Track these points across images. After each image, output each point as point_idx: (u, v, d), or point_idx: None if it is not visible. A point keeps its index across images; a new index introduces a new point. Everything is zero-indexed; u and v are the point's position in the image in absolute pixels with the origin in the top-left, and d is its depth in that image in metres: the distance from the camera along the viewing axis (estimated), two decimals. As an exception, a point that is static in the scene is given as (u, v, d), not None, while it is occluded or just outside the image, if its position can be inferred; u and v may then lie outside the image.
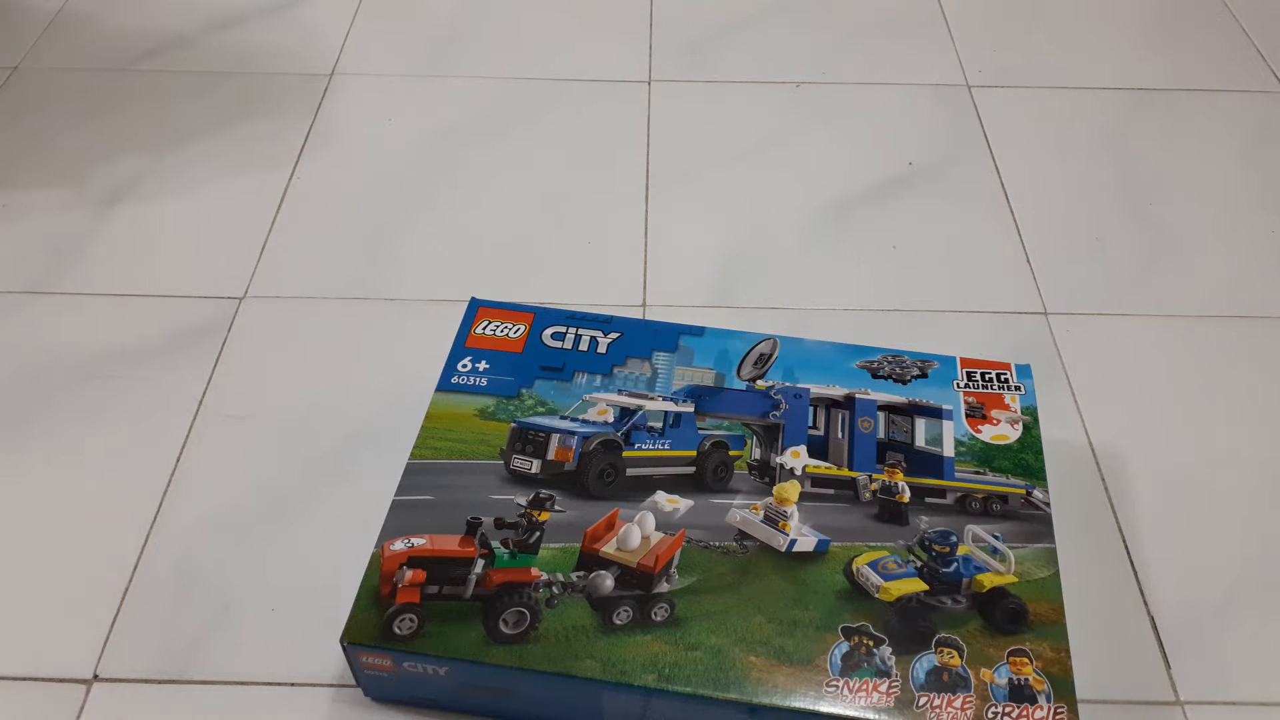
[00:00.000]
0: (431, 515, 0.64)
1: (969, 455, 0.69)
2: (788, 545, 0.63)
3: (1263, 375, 0.84)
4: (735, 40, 1.16)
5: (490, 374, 0.73)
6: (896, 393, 0.72)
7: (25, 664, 0.65)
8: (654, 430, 0.70)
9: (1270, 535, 0.74)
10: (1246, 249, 0.94)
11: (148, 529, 0.72)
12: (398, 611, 0.59)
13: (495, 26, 1.17)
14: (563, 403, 0.71)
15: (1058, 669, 0.58)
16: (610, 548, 0.63)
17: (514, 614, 0.59)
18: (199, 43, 1.14)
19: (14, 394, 0.80)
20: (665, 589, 0.61)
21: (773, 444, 0.70)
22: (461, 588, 0.61)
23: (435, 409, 0.70)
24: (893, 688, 0.57)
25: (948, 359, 0.74)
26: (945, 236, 0.95)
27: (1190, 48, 1.16)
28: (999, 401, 0.72)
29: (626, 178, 1.00)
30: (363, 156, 1.02)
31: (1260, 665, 0.67)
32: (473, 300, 0.78)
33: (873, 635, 0.59)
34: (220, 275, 0.89)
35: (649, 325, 0.77)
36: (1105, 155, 1.03)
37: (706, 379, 0.73)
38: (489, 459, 0.68)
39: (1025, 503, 0.67)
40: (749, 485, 0.67)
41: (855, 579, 0.62)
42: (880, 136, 1.05)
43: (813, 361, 0.74)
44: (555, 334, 0.75)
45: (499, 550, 0.62)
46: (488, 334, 0.75)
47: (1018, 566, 0.63)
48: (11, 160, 1.00)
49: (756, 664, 0.58)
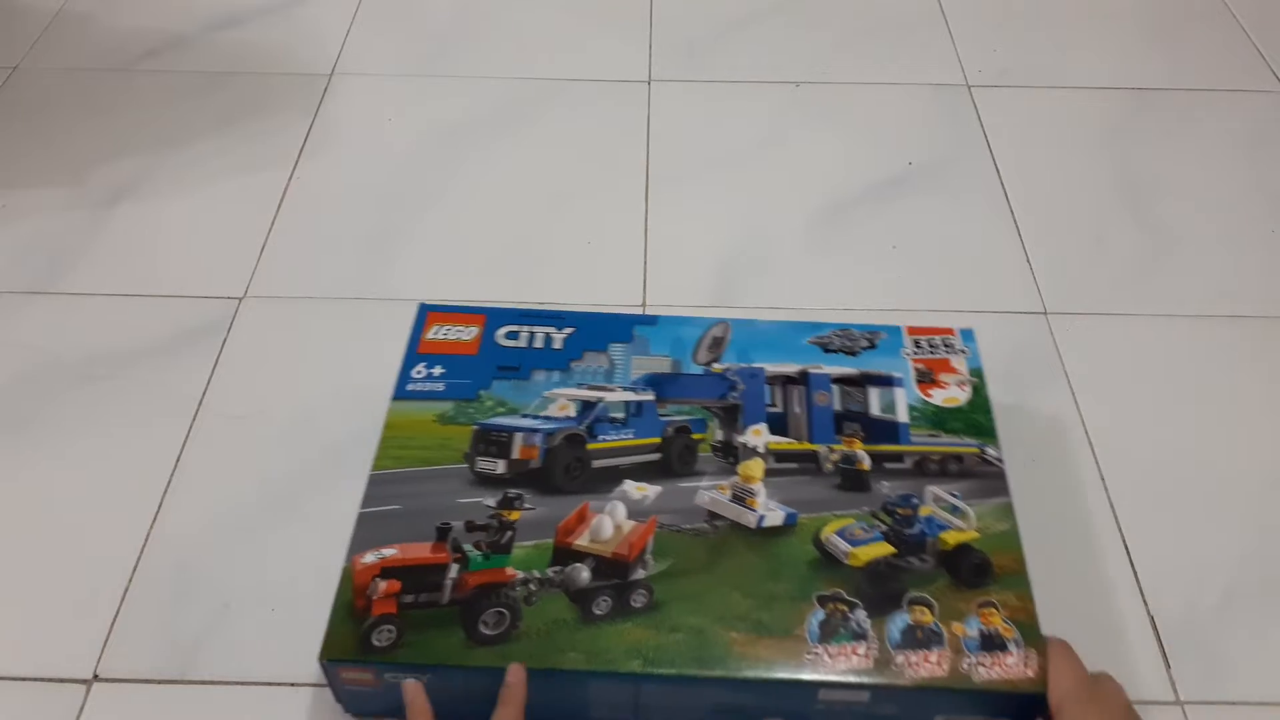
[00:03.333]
0: (400, 525, 0.63)
1: (922, 419, 0.71)
2: (757, 521, 0.65)
3: (1262, 375, 0.84)
4: (735, 40, 1.16)
5: (446, 378, 0.72)
6: (848, 365, 0.73)
7: (25, 664, 0.65)
8: (616, 421, 0.70)
9: (1270, 535, 0.74)
10: (1246, 249, 0.94)
11: (148, 529, 0.72)
12: (375, 623, 0.58)
13: (495, 26, 1.17)
14: (522, 401, 0.71)
15: (1024, 616, 0.60)
16: (584, 540, 0.63)
17: (493, 615, 0.59)
18: (199, 43, 1.14)
19: (14, 394, 0.80)
20: (642, 575, 0.62)
21: (733, 424, 0.70)
22: (438, 594, 0.60)
23: (393, 418, 0.70)
24: (870, 649, 0.58)
25: (893, 328, 0.76)
26: (945, 236, 0.95)
27: (1190, 48, 1.16)
28: (946, 365, 0.74)
29: (626, 178, 1.00)
30: (362, 156, 1.02)
31: (1260, 665, 0.67)
32: (421, 305, 0.77)
33: (847, 601, 0.60)
34: (220, 275, 0.89)
35: (602, 318, 0.77)
36: (1105, 155, 1.03)
37: (663, 366, 0.74)
38: (453, 464, 0.67)
39: (980, 460, 0.68)
40: (714, 466, 0.68)
41: (825, 548, 0.63)
42: (880, 136, 1.05)
43: (765, 341, 0.75)
44: (509, 333, 0.75)
45: (472, 553, 0.62)
46: (440, 338, 0.74)
47: (978, 522, 0.65)
48: (11, 160, 1.00)
49: (738, 639, 0.59)
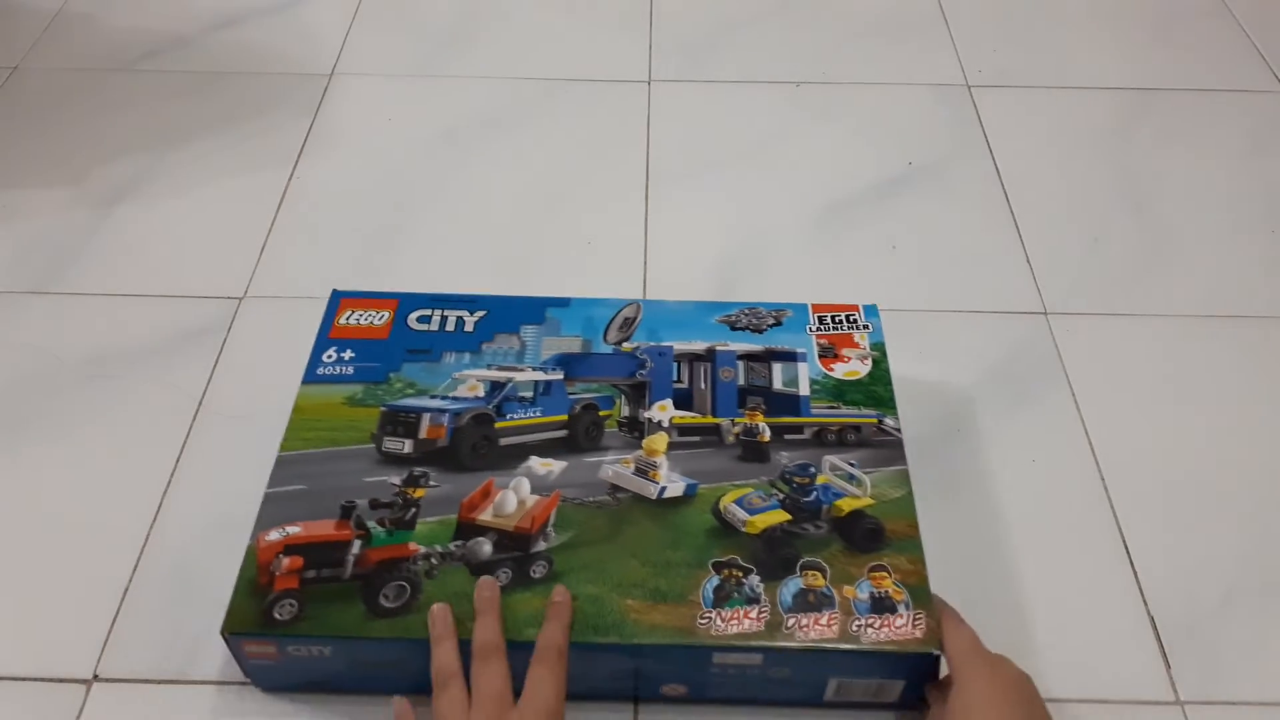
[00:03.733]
0: (305, 504, 0.64)
1: (823, 392, 0.72)
2: (658, 493, 0.66)
3: (1263, 375, 0.84)
4: (735, 40, 1.16)
5: (356, 362, 0.73)
6: (754, 342, 0.75)
7: (25, 664, 0.65)
8: (525, 400, 0.71)
9: (1270, 535, 0.74)
10: (1246, 249, 0.94)
11: (148, 529, 0.72)
12: (277, 598, 0.59)
13: (495, 26, 1.17)
14: (431, 383, 0.71)
15: (915, 579, 0.61)
16: (487, 515, 0.64)
17: (394, 588, 0.60)
18: (199, 43, 1.14)
19: (14, 394, 0.80)
20: (543, 547, 0.63)
21: (641, 401, 0.71)
22: (340, 569, 0.61)
23: (302, 401, 0.70)
24: (762, 613, 0.60)
25: (799, 306, 0.77)
26: (945, 236, 0.95)
27: (1190, 48, 1.16)
28: (849, 340, 0.75)
29: (626, 177, 1.00)
30: (362, 156, 1.02)
31: (1260, 665, 0.67)
32: (334, 292, 0.77)
33: (741, 566, 0.62)
34: (220, 275, 0.89)
35: (515, 301, 0.77)
36: (1105, 155, 1.03)
37: (574, 347, 0.74)
38: (360, 444, 0.68)
39: (877, 430, 0.70)
40: (620, 441, 0.69)
41: (723, 517, 0.65)
42: (880, 136, 1.05)
43: (675, 320, 0.76)
44: (421, 317, 0.75)
45: (375, 530, 0.63)
46: (351, 324, 0.75)
47: (874, 489, 0.66)
48: (11, 160, 1.00)
49: (634, 606, 0.60)
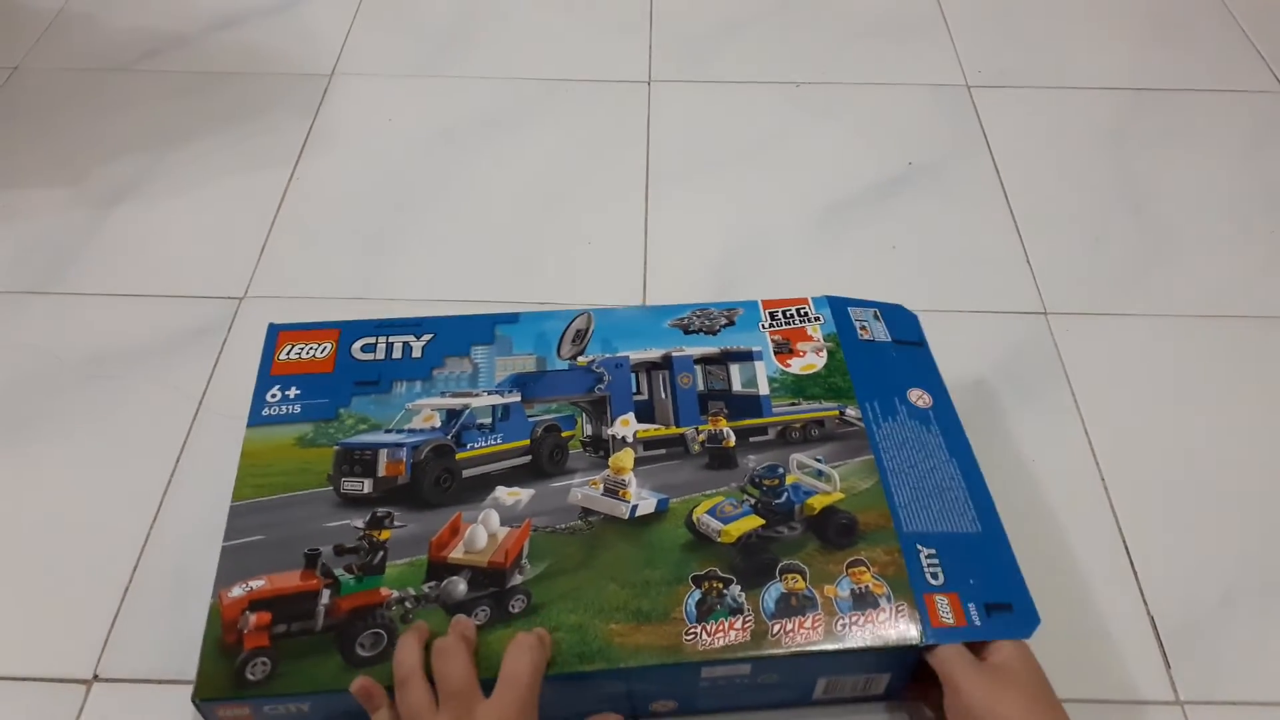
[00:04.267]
0: (265, 555, 0.62)
1: (783, 389, 0.71)
2: (630, 512, 0.65)
3: (1263, 375, 0.84)
4: (735, 40, 1.16)
5: (303, 399, 0.70)
6: (709, 344, 0.74)
7: (25, 664, 0.65)
8: (484, 427, 0.69)
9: (1270, 535, 0.74)
10: (1246, 249, 0.94)
11: (147, 529, 0.72)
12: (248, 657, 0.57)
13: (495, 26, 1.17)
14: (384, 416, 0.69)
15: (893, 570, 0.61)
16: (458, 552, 0.62)
17: (370, 636, 0.58)
18: (199, 43, 1.14)
19: (14, 394, 0.80)
20: (519, 580, 0.61)
21: (602, 417, 0.70)
22: (311, 621, 0.59)
23: (250, 445, 0.67)
24: (747, 622, 0.59)
25: (750, 304, 0.76)
26: (945, 236, 0.95)
27: (1190, 48, 1.16)
28: (802, 334, 0.75)
29: (626, 177, 1.00)
30: (362, 156, 1.02)
31: (1260, 665, 0.67)
32: (271, 326, 0.74)
33: (721, 577, 0.61)
34: (220, 275, 0.89)
35: (462, 320, 0.75)
36: (1105, 155, 1.03)
37: (528, 365, 0.72)
38: (317, 488, 0.65)
39: (840, 422, 0.69)
40: (585, 462, 0.68)
41: (697, 529, 0.64)
42: (880, 136, 1.05)
43: (627, 328, 0.75)
44: (365, 346, 0.73)
45: (343, 577, 0.61)
46: (293, 358, 0.72)
47: (843, 483, 0.66)
48: (11, 160, 1.00)
49: (617, 630, 0.59)
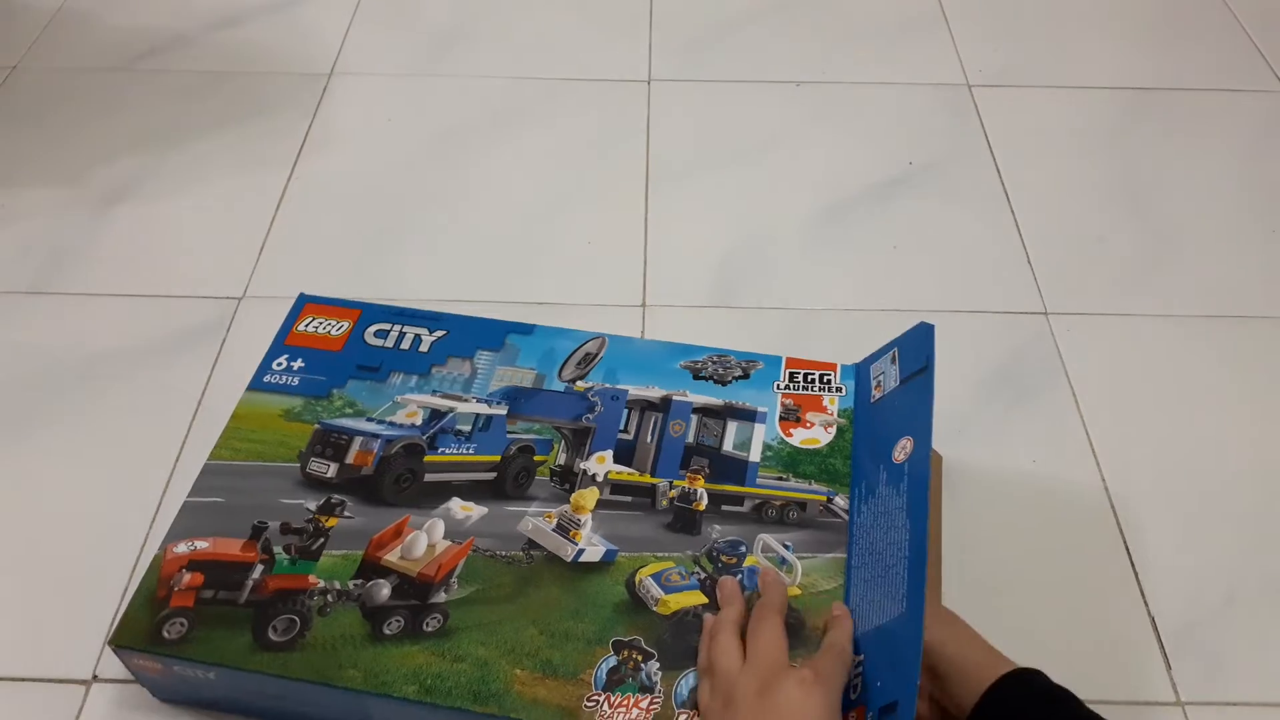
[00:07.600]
0: (221, 517, 0.62)
1: (775, 460, 0.67)
2: (574, 555, 0.62)
3: (1263, 375, 0.84)
4: (735, 40, 1.16)
5: (304, 373, 0.70)
6: (715, 394, 0.70)
7: (25, 664, 0.65)
8: (461, 434, 0.68)
9: (1270, 535, 0.73)
10: (1246, 249, 0.94)
11: (147, 529, 0.72)
12: (169, 615, 0.58)
13: (495, 26, 1.17)
14: (373, 404, 0.69)
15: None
16: (394, 556, 0.61)
17: (284, 621, 0.58)
18: (199, 42, 1.14)
19: (14, 394, 0.80)
20: (442, 599, 0.60)
21: (580, 448, 0.68)
22: (237, 593, 0.59)
23: (243, 408, 0.69)
24: (654, 704, 0.55)
25: (773, 359, 0.72)
26: (945, 236, 0.95)
27: (1190, 48, 1.16)
28: (816, 404, 0.70)
29: (626, 178, 1.00)
30: (362, 156, 1.02)
31: (1260, 665, 0.67)
32: (301, 295, 0.75)
33: (643, 650, 0.57)
34: (220, 275, 0.89)
35: (478, 323, 0.74)
36: (1105, 155, 1.03)
37: (526, 380, 0.71)
38: (287, 461, 0.66)
39: (824, 510, 0.65)
40: (548, 492, 0.66)
41: (636, 591, 0.60)
42: (880, 136, 1.05)
43: (637, 361, 0.72)
44: (379, 331, 0.73)
45: (280, 556, 0.61)
46: (309, 331, 0.73)
47: (804, 578, 0.61)
48: (11, 160, 1.00)
49: (521, 677, 0.56)
